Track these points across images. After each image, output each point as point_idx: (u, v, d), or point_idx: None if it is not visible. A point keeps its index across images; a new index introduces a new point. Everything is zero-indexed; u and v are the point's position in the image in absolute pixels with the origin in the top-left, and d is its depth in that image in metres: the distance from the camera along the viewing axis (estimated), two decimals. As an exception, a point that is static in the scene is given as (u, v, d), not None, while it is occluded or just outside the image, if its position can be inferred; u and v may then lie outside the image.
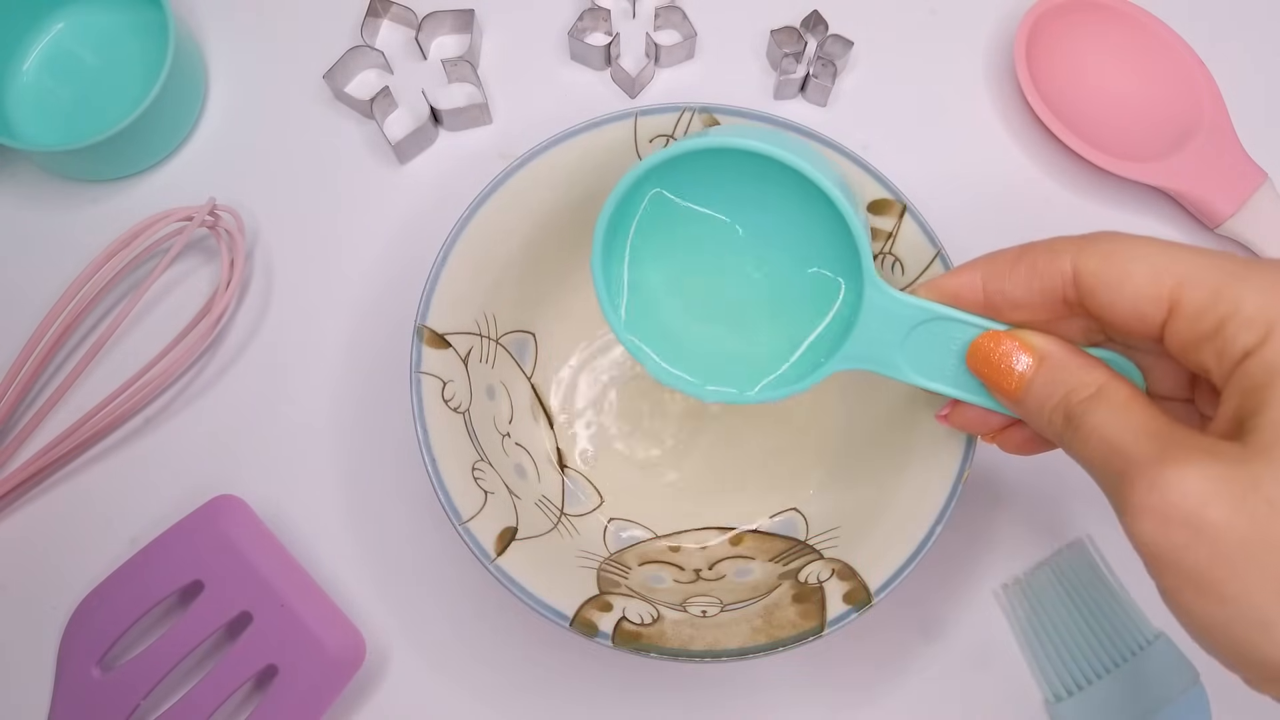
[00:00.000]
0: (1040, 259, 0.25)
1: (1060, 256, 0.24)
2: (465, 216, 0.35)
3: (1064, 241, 0.25)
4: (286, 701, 0.34)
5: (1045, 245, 0.25)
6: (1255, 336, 0.21)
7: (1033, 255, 0.25)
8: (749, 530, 0.37)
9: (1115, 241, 0.24)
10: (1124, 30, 0.42)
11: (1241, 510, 0.20)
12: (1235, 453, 0.20)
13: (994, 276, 0.26)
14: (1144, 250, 0.23)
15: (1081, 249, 0.24)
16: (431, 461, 0.33)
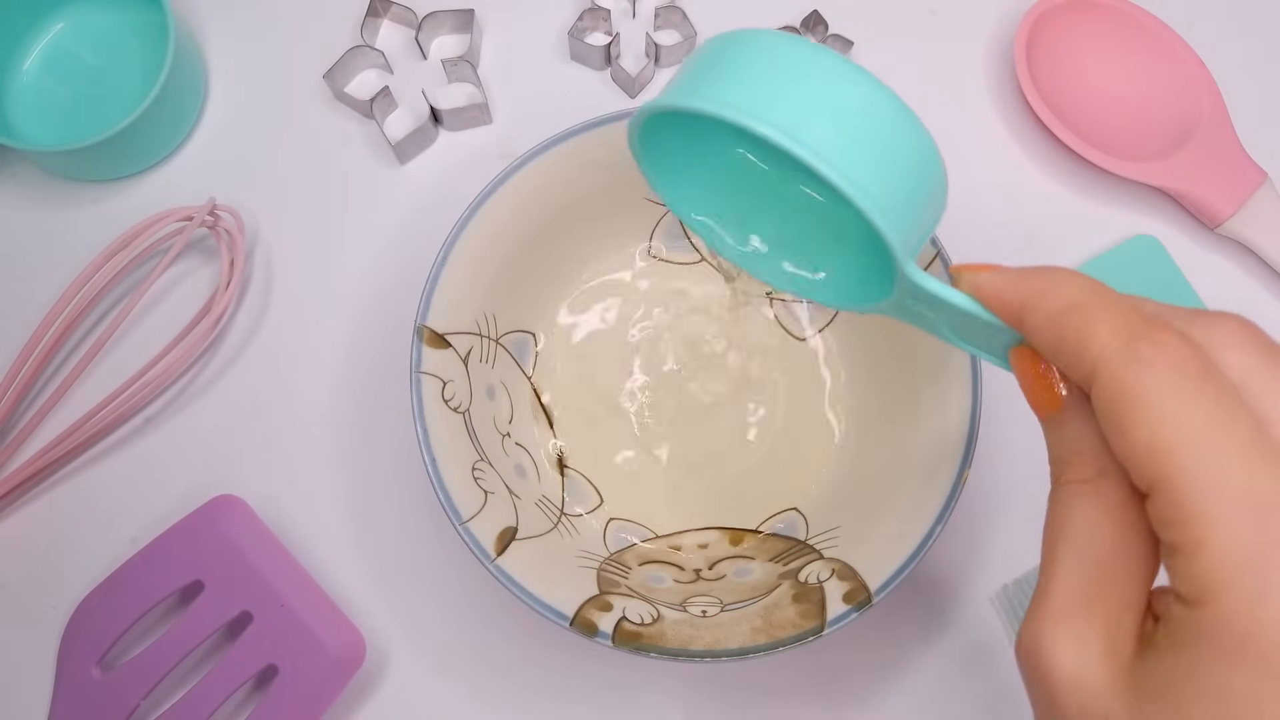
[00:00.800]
0: (1070, 338, 0.20)
1: (1084, 354, 0.20)
2: (465, 216, 0.35)
3: (1098, 332, 0.20)
4: (286, 701, 0.34)
5: (1077, 328, 0.20)
6: (1203, 589, 0.18)
7: (1065, 331, 0.21)
8: (749, 530, 0.37)
9: (1138, 380, 0.19)
10: (1124, 30, 0.42)
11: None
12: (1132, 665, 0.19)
13: (1030, 313, 0.22)
14: (1161, 411, 0.18)
15: (1100, 366, 0.20)
16: (431, 461, 0.33)
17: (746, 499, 0.37)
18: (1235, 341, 0.19)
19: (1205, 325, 0.20)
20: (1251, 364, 0.19)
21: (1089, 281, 0.21)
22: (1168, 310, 0.21)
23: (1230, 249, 0.41)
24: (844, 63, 0.22)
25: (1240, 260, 0.41)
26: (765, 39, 0.22)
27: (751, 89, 0.22)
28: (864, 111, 0.22)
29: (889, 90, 0.22)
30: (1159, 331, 0.19)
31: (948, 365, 0.34)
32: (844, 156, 0.21)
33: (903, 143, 0.23)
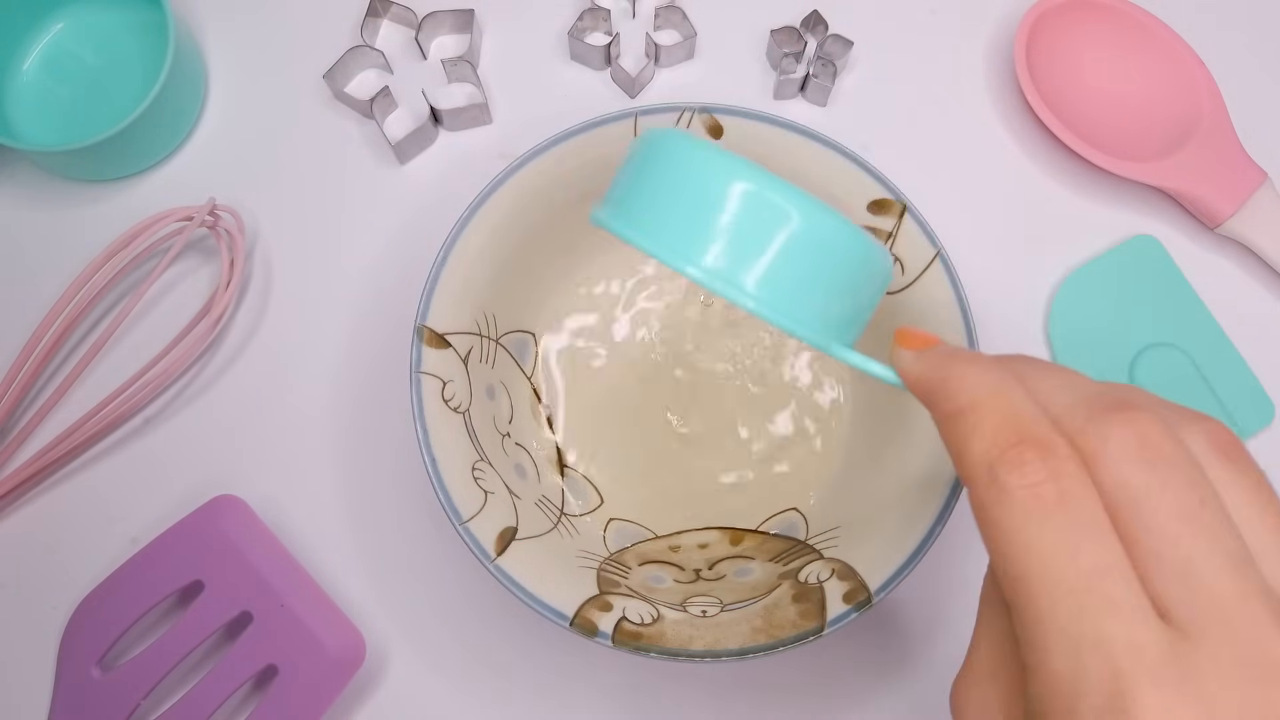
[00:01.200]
0: (952, 444, 0.21)
1: (961, 466, 0.20)
2: (465, 216, 0.35)
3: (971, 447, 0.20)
4: (286, 702, 0.34)
5: (958, 436, 0.20)
6: (1032, 710, 0.18)
7: (949, 435, 0.21)
8: (749, 530, 0.37)
9: (994, 507, 0.19)
10: (1124, 30, 0.42)
11: None
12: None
13: (931, 408, 0.22)
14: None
15: (968, 483, 0.20)
16: (431, 461, 0.33)
17: (747, 499, 0.37)
18: (1121, 454, 0.19)
19: (1098, 433, 0.19)
20: (1131, 481, 0.18)
21: (985, 379, 0.21)
22: (1074, 406, 0.20)
23: (1230, 249, 0.41)
24: (763, 179, 0.23)
25: (1240, 260, 0.41)
26: (697, 158, 0.24)
27: (675, 219, 0.24)
28: (786, 229, 0.23)
29: (806, 200, 0.23)
30: (1023, 451, 0.19)
31: (948, 365, 0.34)
32: (763, 284, 0.23)
33: (827, 249, 0.24)
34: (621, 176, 0.26)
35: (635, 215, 0.24)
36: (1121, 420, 0.19)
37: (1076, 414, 0.20)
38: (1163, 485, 0.18)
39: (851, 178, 0.36)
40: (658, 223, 0.24)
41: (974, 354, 0.22)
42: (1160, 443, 0.19)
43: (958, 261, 0.35)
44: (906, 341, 0.24)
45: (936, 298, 0.35)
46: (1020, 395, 0.20)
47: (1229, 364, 0.40)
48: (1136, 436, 0.19)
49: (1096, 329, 0.40)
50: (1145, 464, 0.18)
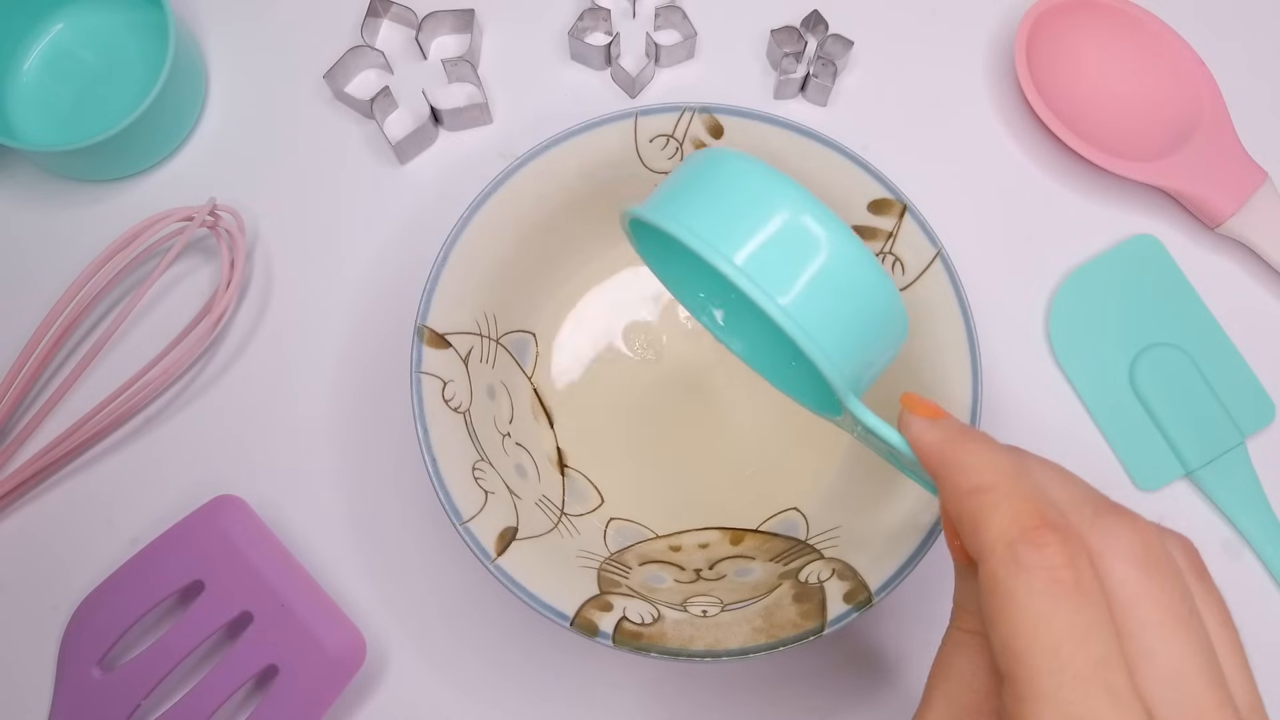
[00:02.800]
0: (967, 519, 0.21)
1: (977, 539, 0.21)
2: (465, 216, 0.35)
3: (990, 524, 0.21)
4: (287, 701, 0.34)
5: (975, 513, 0.21)
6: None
7: (965, 512, 0.22)
8: (749, 530, 0.37)
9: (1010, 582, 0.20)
10: (1124, 30, 0.42)
11: None
12: None
13: (942, 481, 0.23)
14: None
15: (984, 556, 0.20)
16: (432, 461, 0.33)
17: (747, 499, 0.37)
18: (1125, 553, 0.20)
19: (1104, 531, 0.20)
20: (1131, 579, 0.20)
21: (1002, 462, 0.22)
22: (1077, 501, 0.21)
23: (1230, 249, 0.41)
24: (816, 208, 0.24)
25: (1240, 260, 0.41)
26: (754, 175, 0.24)
27: (722, 221, 0.24)
28: (825, 257, 0.23)
29: (851, 238, 0.24)
30: (1046, 534, 0.20)
31: (948, 365, 0.34)
32: (796, 301, 0.23)
33: (859, 289, 0.24)
34: (672, 183, 0.25)
35: (680, 214, 0.24)
36: (1125, 522, 0.20)
37: (1083, 509, 0.21)
38: (1160, 588, 0.20)
39: (852, 178, 0.36)
40: (702, 221, 0.24)
41: (985, 435, 0.23)
42: (1158, 549, 0.20)
43: (958, 261, 0.35)
44: (917, 408, 0.24)
45: (937, 297, 0.35)
46: (1037, 482, 0.21)
47: (1229, 364, 0.40)
48: (1139, 539, 0.20)
49: (1096, 329, 0.40)
50: (1146, 566, 0.20)
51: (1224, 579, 0.38)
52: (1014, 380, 0.40)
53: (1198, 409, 0.39)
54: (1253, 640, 0.38)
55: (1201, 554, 0.22)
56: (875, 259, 0.24)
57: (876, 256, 0.36)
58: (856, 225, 0.36)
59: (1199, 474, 0.38)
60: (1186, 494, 0.39)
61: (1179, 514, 0.39)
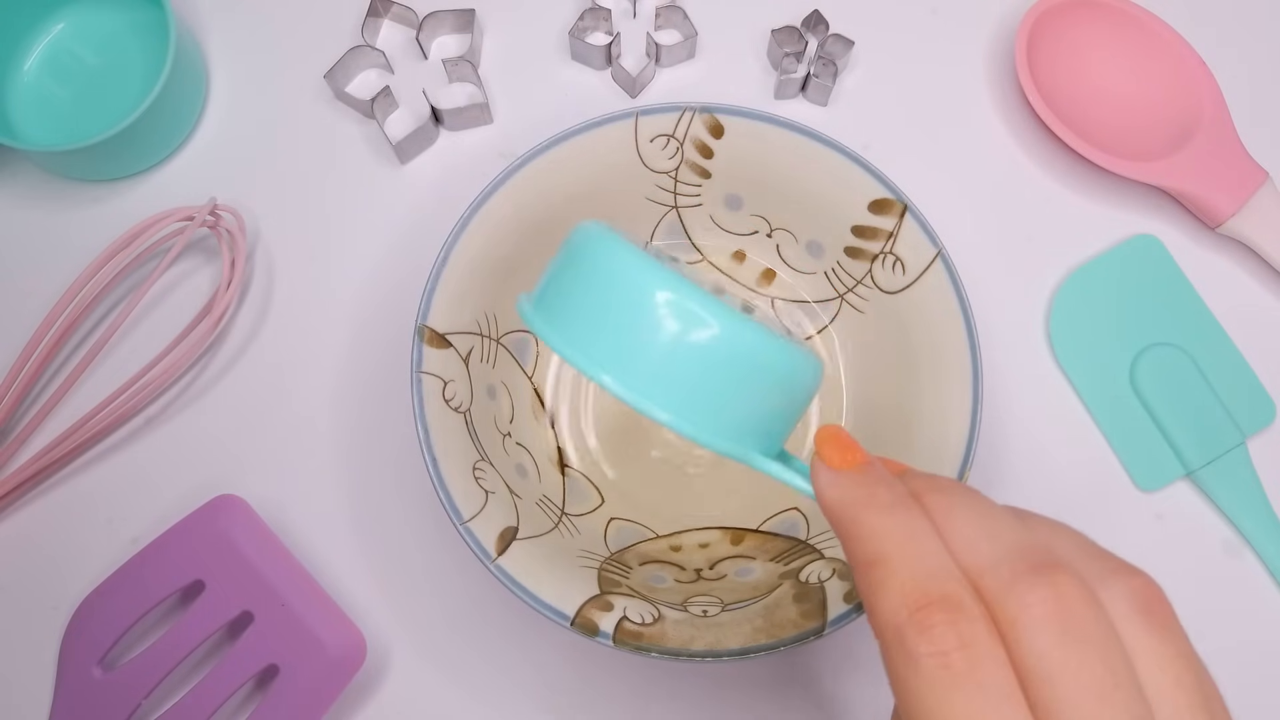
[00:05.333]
0: (864, 595, 0.20)
1: (872, 620, 0.20)
2: (466, 216, 0.35)
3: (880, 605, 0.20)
4: (287, 701, 0.34)
5: (868, 589, 0.20)
6: None
7: (861, 585, 0.21)
8: (750, 530, 0.37)
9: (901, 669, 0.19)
10: (1124, 30, 0.42)
11: None
12: None
13: (843, 544, 0.22)
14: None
15: (878, 640, 0.20)
16: (432, 461, 0.33)
17: (747, 499, 0.37)
18: (1041, 621, 0.18)
19: (1019, 597, 0.18)
20: (1048, 651, 0.18)
21: (895, 529, 0.20)
22: (997, 560, 0.19)
23: (1231, 249, 0.41)
24: (682, 291, 0.23)
25: (1241, 260, 0.41)
26: (603, 260, 0.24)
27: (589, 323, 0.24)
28: (700, 343, 0.23)
29: (720, 308, 0.23)
30: (933, 615, 0.18)
31: (948, 365, 0.34)
32: (674, 396, 0.23)
33: (742, 363, 0.23)
34: (550, 268, 0.25)
35: (555, 313, 0.24)
36: (1043, 584, 0.18)
37: (999, 572, 0.19)
38: (1080, 662, 0.18)
39: (852, 177, 0.36)
40: (574, 324, 0.24)
41: (890, 488, 0.21)
42: (1081, 613, 0.18)
43: (958, 261, 0.35)
44: (827, 452, 0.23)
45: (937, 297, 0.35)
46: (933, 547, 0.20)
47: (1230, 364, 0.40)
48: (1057, 605, 0.18)
49: (1097, 329, 0.40)
50: (1064, 636, 0.18)
51: (1224, 579, 0.38)
52: (1014, 380, 0.40)
53: (1198, 409, 0.39)
54: (1252, 640, 0.38)
55: (1164, 594, 0.20)
56: (756, 324, 0.24)
57: (876, 257, 0.36)
58: (856, 225, 0.36)
59: (1199, 474, 0.38)
60: (1187, 494, 0.39)
61: (1179, 514, 0.39)
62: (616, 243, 0.24)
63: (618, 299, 0.23)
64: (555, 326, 0.24)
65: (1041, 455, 0.39)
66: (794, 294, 0.39)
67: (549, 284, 0.25)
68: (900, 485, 0.22)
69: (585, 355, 0.23)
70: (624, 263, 0.24)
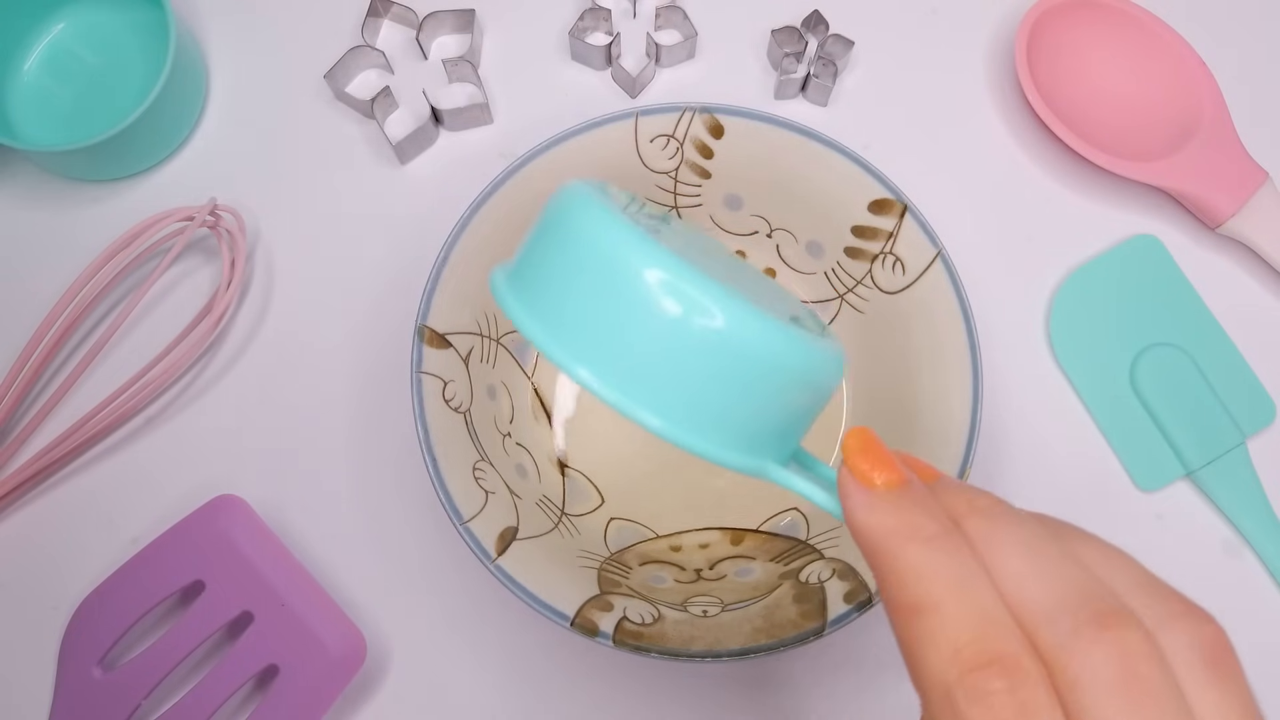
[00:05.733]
0: (904, 643, 0.18)
1: (915, 672, 0.18)
2: (466, 216, 0.35)
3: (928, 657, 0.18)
4: (287, 701, 0.34)
5: (912, 639, 0.18)
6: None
7: (902, 633, 0.18)
8: (750, 530, 0.37)
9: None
10: (1124, 30, 0.42)
11: None
12: None
13: (878, 578, 0.20)
14: None
15: (923, 698, 0.18)
16: (432, 461, 0.33)
17: (747, 499, 0.37)
18: (1104, 681, 0.17)
19: (1083, 652, 0.17)
20: (1111, 713, 0.16)
21: (952, 570, 0.18)
22: (1055, 610, 0.17)
23: (1231, 249, 0.41)
24: (679, 272, 0.19)
25: (1241, 260, 0.41)
26: (585, 230, 0.20)
27: (567, 306, 0.20)
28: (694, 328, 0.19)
29: (724, 294, 0.20)
30: (990, 678, 0.17)
31: (949, 365, 0.34)
32: (674, 406, 0.19)
33: (746, 357, 0.20)
34: (531, 236, 0.22)
35: (532, 292, 0.20)
36: (1108, 641, 0.17)
37: (1058, 624, 0.17)
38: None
39: (852, 178, 0.36)
40: (551, 306, 0.20)
41: (933, 515, 0.19)
42: (1146, 672, 0.17)
43: (958, 261, 0.35)
44: (859, 466, 0.20)
45: (937, 297, 0.35)
46: (986, 592, 0.18)
47: (1230, 364, 0.40)
48: (1121, 663, 0.17)
49: (1097, 329, 0.40)
50: (1128, 701, 0.16)
51: (1224, 579, 0.38)
52: (1014, 380, 0.40)
53: (1198, 409, 0.39)
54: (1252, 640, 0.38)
55: (1229, 642, 0.18)
56: (764, 314, 0.20)
57: (877, 257, 0.36)
58: (856, 225, 0.36)
59: (1199, 474, 0.38)
60: (1187, 494, 0.39)
61: (1179, 514, 0.39)
62: (601, 209, 0.20)
63: (600, 278, 0.19)
64: (529, 307, 0.20)
65: (1042, 455, 0.39)
66: (794, 294, 0.39)
67: (525, 255, 0.21)
68: (943, 513, 0.19)
69: (561, 344, 0.20)
70: (608, 234, 0.20)
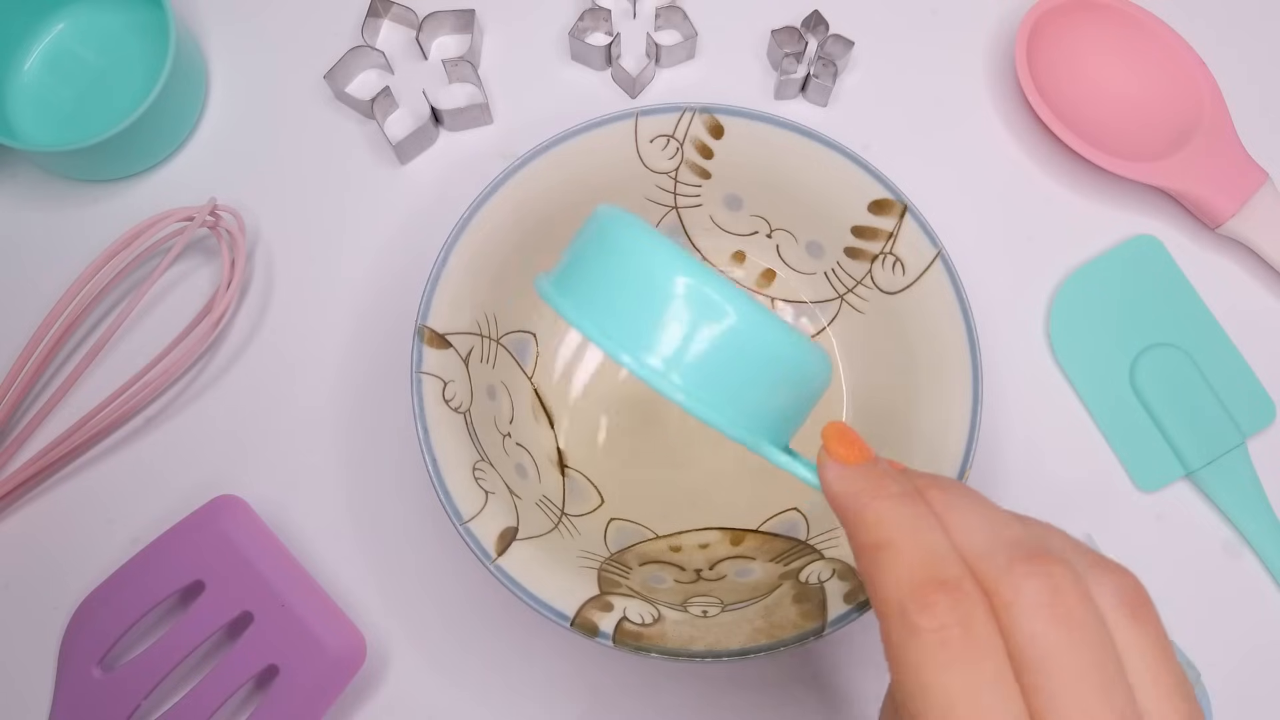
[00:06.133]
0: (865, 575, 0.22)
1: (874, 597, 0.21)
2: (465, 216, 0.35)
3: (884, 582, 0.21)
4: (287, 702, 0.34)
5: (871, 569, 0.21)
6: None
7: (863, 567, 0.22)
8: (750, 530, 0.37)
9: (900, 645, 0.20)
10: (1124, 30, 0.42)
11: None
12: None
13: (847, 530, 0.23)
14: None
15: (879, 616, 0.21)
16: (432, 461, 0.33)
17: (747, 499, 0.37)
18: (1034, 606, 0.19)
19: (1014, 583, 0.19)
20: (1039, 634, 0.19)
21: (903, 516, 0.21)
22: (992, 549, 0.20)
23: (1231, 249, 0.41)
24: (707, 281, 0.24)
25: (1241, 261, 0.41)
26: (626, 244, 0.25)
27: (609, 303, 0.24)
28: (721, 330, 0.24)
29: (743, 304, 0.24)
30: (934, 593, 0.19)
31: (949, 365, 0.34)
32: (694, 379, 0.24)
33: (759, 352, 0.24)
34: (572, 250, 0.26)
35: (579, 294, 0.25)
36: (1038, 572, 0.19)
37: (995, 558, 0.20)
38: (1070, 644, 0.19)
39: (852, 178, 0.36)
40: (597, 305, 0.24)
41: (896, 481, 0.22)
42: (1073, 600, 0.19)
43: (958, 261, 0.35)
44: (834, 447, 0.24)
45: (937, 298, 0.35)
46: (936, 535, 0.21)
47: (1229, 364, 0.40)
48: (1050, 590, 0.19)
49: (1097, 329, 0.40)
50: (1056, 621, 0.19)
51: (1224, 579, 0.38)
52: (1014, 380, 0.40)
53: (1198, 409, 0.39)
54: (1252, 640, 0.38)
55: (1148, 593, 0.21)
56: (772, 315, 0.24)
57: (877, 258, 0.36)
58: (856, 225, 0.36)
59: (1199, 474, 0.38)
60: (1187, 494, 0.39)
61: (1179, 514, 0.39)
62: (638, 225, 0.25)
63: (639, 281, 0.24)
64: (576, 305, 0.25)
65: (1041, 455, 0.39)
66: (794, 294, 0.39)
67: (570, 264, 0.26)
68: (905, 479, 0.23)
69: (606, 334, 0.24)
70: (646, 245, 0.24)
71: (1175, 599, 0.38)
